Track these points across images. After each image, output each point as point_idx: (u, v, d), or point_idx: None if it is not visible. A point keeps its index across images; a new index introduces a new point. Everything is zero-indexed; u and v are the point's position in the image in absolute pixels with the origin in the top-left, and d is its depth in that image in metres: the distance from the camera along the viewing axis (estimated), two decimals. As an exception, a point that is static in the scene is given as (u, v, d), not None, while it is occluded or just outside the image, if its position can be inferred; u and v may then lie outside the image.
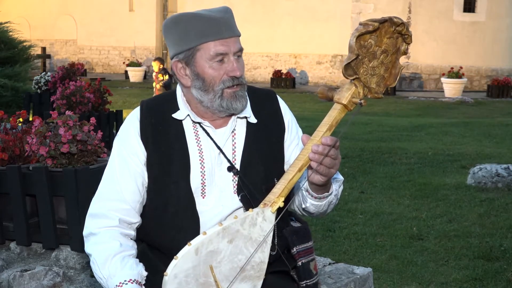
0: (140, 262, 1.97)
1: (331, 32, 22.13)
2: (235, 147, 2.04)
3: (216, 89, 1.96)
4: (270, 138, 2.08)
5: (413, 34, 1.89)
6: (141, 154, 2.01)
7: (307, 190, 1.95)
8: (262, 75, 23.98)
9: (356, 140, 9.60)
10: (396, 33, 1.81)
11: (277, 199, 1.79)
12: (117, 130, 6.48)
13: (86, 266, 3.27)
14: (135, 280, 1.89)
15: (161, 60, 13.53)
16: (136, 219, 2.03)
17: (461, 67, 19.62)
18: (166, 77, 13.10)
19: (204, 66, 1.96)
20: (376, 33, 1.77)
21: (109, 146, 5.40)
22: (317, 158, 1.77)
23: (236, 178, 2.01)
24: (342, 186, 2.06)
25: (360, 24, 1.75)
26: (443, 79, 19.81)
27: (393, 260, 4.61)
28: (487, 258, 4.61)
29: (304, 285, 2.07)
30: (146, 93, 18.39)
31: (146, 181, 2.02)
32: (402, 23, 1.79)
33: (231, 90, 1.96)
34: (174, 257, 1.72)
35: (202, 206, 2.00)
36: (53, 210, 3.35)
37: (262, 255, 1.80)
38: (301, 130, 2.17)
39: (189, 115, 2.02)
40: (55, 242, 3.37)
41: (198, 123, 2.03)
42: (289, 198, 1.89)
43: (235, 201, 2.01)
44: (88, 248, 1.99)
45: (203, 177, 2.00)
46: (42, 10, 27.72)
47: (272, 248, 1.98)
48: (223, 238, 1.74)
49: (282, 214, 1.83)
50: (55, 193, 3.35)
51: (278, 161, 2.09)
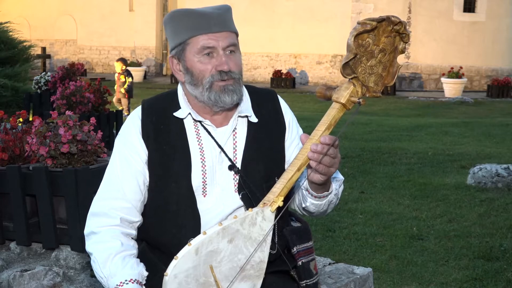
0: (140, 262, 1.97)
1: (331, 32, 22.13)
2: (236, 146, 2.04)
3: (204, 82, 1.96)
4: (270, 137, 2.08)
5: (413, 34, 1.90)
6: (142, 153, 2.01)
7: (307, 189, 1.95)
8: (262, 75, 23.98)
9: (356, 140, 9.60)
10: (394, 32, 1.81)
11: (276, 199, 1.79)
12: (117, 130, 6.49)
13: (86, 266, 3.27)
14: (136, 280, 1.89)
15: (124, 60, 13.26)
16: (137, 218, 2.03)
17: (461, 67, 19.63)
18: (129, 79, 12.63)
19: (192, 60, 1.96)
20: (374, 32, 1.77)
21: (109, 146, 5.42)
22: (316, 157, 1.77)
23: (237, 177, 2.01)
24: (342, 186, 2.06)
25: (358, 23, 1.76)
26: (443, 79, 19.82)
27: (393, 260, 4.61)
28: (487, 258, 4.61)
29: (304, 285, 2.07)
30: (146, 93, 18.39)
31: (147, 180, 2.02)
32: (400, 22, 1.80)
33: (221, 84, 1.96)
34: (174, 257, 1.72)
35: (203, 204, 2.00)
36: (53, 210, 3.35)
37: (261, 255, 1.80)
38: (301, 130, 2.18)
39: (190, 114, 2.02)
40: (55, 242, 3.37)
41: (199, 122, 2.03)
42: (288, 198, 1.89)
43: (236, 199, 2.01)
44: (89, 247, 1.99)
45: (204, 175, 2.00)
46: (42, 10, 27.72)
47: (272, 247, 1.98)
48: (223, 237, 1.74)
49: (281, 213, 1.83)
50: (55, 193, 3.35)
51: (279, 160, 2.09)
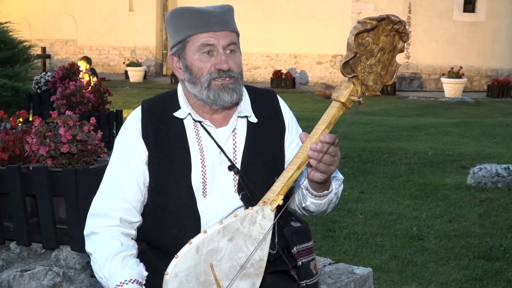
0: (140, 261, 1.97)
1: (331, 32, 22.13)
2: (236, 146, 2.04)
3: (202, 80, 1.96)
4: (270, 138, 2.08)
5: (413, 34, 1.90)
6: (142, 153, 2.01)
7: (307, 188, 1.95)
8: (262, 75, 23.97)
9: (356, 140, 9.60)
10: (393, 31, 1.82)
11: (276, 197, 1.79)
12: (117, 130, 6.49)
13: (86, 266, 3.27)
14: (136, 280, 1.89)
15: (88, 59, 13.06)
16: (137, 219, 2.03)
17: (461, 67, 19.62)
18: (94, 79, 12.38)
19: (192, 58, 1.97)
20: (374, 31, 1.78)
21: (109, 146, 5.41)
22: (316, 155, 1.77)
23: (236, 177, 2.01)
24: (342, 185, 2.06)
25: (358, 22, 1.76)
26: (443, 79, 19.81)
27: (393, 260, 4.61)
28: (487, 258, 4.61)
29: (304, 284, 2.07)
30: (146, 93, 18.40)
31: (147, 180, 2.02)
32: (400, 21, 1.80)
33: (219, 82, 1.96)
34: (175, 256, 1.72)
35: (203, 205, 2.00)
36: (53, 210, 3.34)
37: (261, 253, 1.80)
38: (301, 130, 2.17)
39: (190, 114, 2.02)
40: (55, 242, 3.37)
41: (199, 122, 2.03)
42: (288, 196, 1.89)
43: (236, 200, 2.01)
44: (88, 247, 1.99)
45: (204, 176, 2.00)
46: (42, 10, 27.71)
47: (272, 247, 1.98)
48: (224, 236, 1.75)
49: (281, 212, 1.83)
50: (55, 193, 3.34)
51: (279, 160, 2.09)
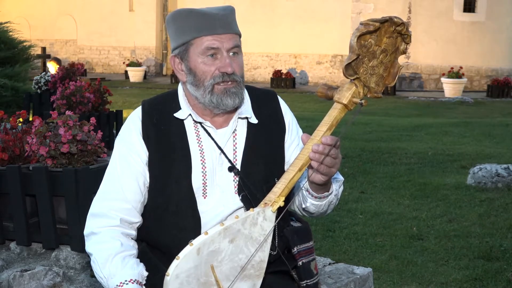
0: (140, 262, 1.97)
1: (331, 32, 22.13)
2: (236, 148, 2.04)
3: (206, 84, 1.95)
4: (270, 139, 2.08)
5: (413, 34, 1.90)
6: (142, 153, 2.01)
7: (308, 190, 1.95)
8: (262, 75, 23.98)
9: (356, 140, 9.60)
10: (395, 32, 1.81)
11: (277, 199, 1.79)
12: (117, 130, 6.49)
13: (86, 266, 3.27)
14: (136, 280, 1.89)
15: (58, 60, 12.96)
16: (137, 219, 2.03)
17: (461, 67, 19.62)
18: None
19: (196, 60, 1.96)
20: (376, 33, 1.77)
21: (109, 146, 5.42)
22: (317, 157, 1.77)
23: (237, 178, 2.01)
24: (342, 186, 2.07)
25: (361, 23, 1.76)
26: (443, 79, 19.81)
27: (393, 260, 4.61)
28: (487, 258, 4.61)
29: (304, 285, 2.07)
30: (146, 93, 18.39)
31: (148, 180, 2.02)
32: (402, 23, 1.80)
33: (222, 86, 1.95)
34: (176, 257, 1.72)
35: (203, 206, 2.00)
36: (53, 210, 3.35)
37: (262, 254, 1.80)
38: (301, 130, 2.17)
39: (190, 115, 2.02)
40: (55, 242, 3.37)
41: (199, 123, 2.03)
42: (289, 198, 1.89)
43: (236, 201, 2.01)
44: (89, 247, 1.99)
45: (205, 177, 2.00)
46: (42, 10, 27.71)
47: (272, 247, 1.98)
48: (225, 237, 1.74)
49: (282, 214, 1.83)
50: (55, 193, 3.35)
51: (279, 161, 2.09)
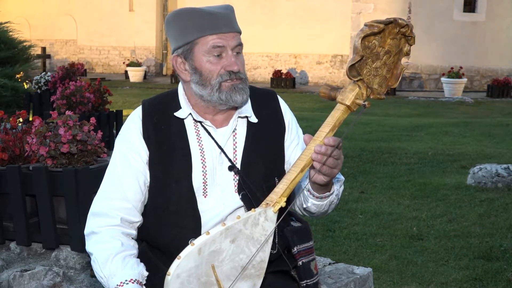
0: (140, 261, 1.97)
1: (331, 32, 22.12)
2: (236, 147, 2.04)
3: (213, 83, 1.96)
4: (270, 138, 2.08)
5: (413, 34, 1.89)
6: (143, 152, 2.01)
7: (309, 190, 1.95)
8: (262, 75, 23.97)
9: (356, 140, 9.60)
10: (400, 34, 1.81)
11: (279, 199, 1.79)
12: (117, 130, 6.49)
13: (86, 266, 3.27)
14: (136, 280, 1.89)
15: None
16: (137, 218, 2.03)
17: (461, 67, 19.61)
18: None
19: (201, 60, 1.96)
20: (380, 34, 1.77)
21: (109, 146, 5.42)
22: (320, 158, 1.77)
23: (237, 178, 2.01)
24: (342, 186, 2.07)
25: (365, 25, 1.75)
26: (443, 79, 19.80)
27: (393, 260, 4.61)
28: (487, 258, 4.61)
29: (304, 284, 2.07)
30: (146, 93, 18.39)
31: (148, 180, 2.02)
32: (407, 25, 1.80)
33: (230, 83, 1.96)
34: (177, 257, 1.72)
35: (203, 205, 2.00)
36: (53, 210, 3.35)
37: (262, 254, 1.80)
38: (301, 130, 2.18)
39: (191, 114, 2.02)
40: (55, 242, 3.37)
41: (200, 122, 2.03)
42: (291, 198, 1.89)
43: (236, 200, 2.01)
44: (89, 247, 1.99)
45: (205, 176, 2.01)
46: (42, 10, 27.71)
47: (272, 247, 1.98)
48: (226, 237, 1.75)
49: (284, 215, 1.83)
50: (55, 193, 3.35)
51: (279, 160, 2.09)
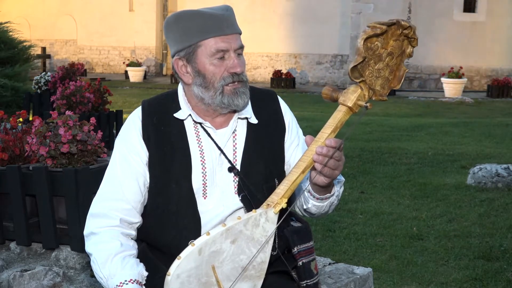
0: (140, 262, 1.97)
1: (331, 32, 22.12)
2: (236, 148, 2.04)
3: (216, 85, 1.96)
4: (270, 139, 2.08)
5: (413, 34, 1.89)
6: (142, 153, 2.01)
7: (310, 191, 1.95)
8: (262, 75, 23.97)
9: (356, 140, 9.60)
10: (402, 35, 1.80)
11: (280, 200, 1.79)
12: (117, 130, 6.49)
13: (86, 266, 3.27)
14: (136, 280, 1.89)
15: None
16: (137, 219, 2.03)
17: (461, 67, 19.61)
18: None
19: (205, 62, 1.96)
20: (383, 35, 1.76)
21: (109, 146, 5.42)
22: (321, 160, 1.77)
23: (236, 179, 2.01)
24: (343, 187, 2.07)
25: (368, 26, 1.75)
26: (443, 79, 19.80)
27: (393, 260, 4.61)
28: (487, 258, 4.61)
29: (304, 285, 2.07)
30: (146, 93, 18.39)
31: (148, 181, 2.02)
32: (410, 26, 1.79)
33: (232, 87, 1.96)
34: (177, 257, 1.72)
35: (203, 206, 2.00)
36: (53, 210, 3.35)
37: (263, 255, 1.80)
38: (301, 131, 2.18)
39: (190, 115, 2.02)
40: (55, 242, 3.37)
41: (199, 124, 2.03)
42: (291, 200, 1.89)
43: (236, 201, 2.01)
44: (88, 247, 1.99)
45: (204, 177, 2.00)
46: (42, 10, 27.71)
47: (272, 248, 1.98)
48: (226, 238, 1.74)
49: (285, 216, 1.83)
50: (55, 193, 3.35)
51: (279, 161, 2.09)
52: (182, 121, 2.03)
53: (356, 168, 7.66)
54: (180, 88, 2.08)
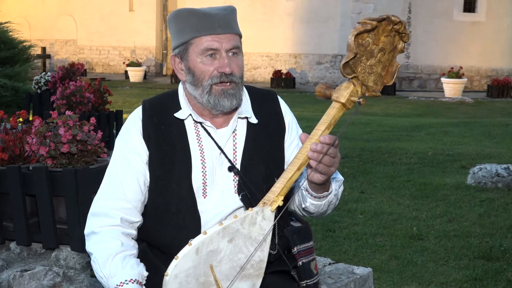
0: (140, 262, 1.97)
1: (331, 32, 22.12)
2: (236, 147, 2.04)
3: (204, 84, 1.96)
4: (270, 138, 2.08)
5: (413, 34, 1.90)
6: (143, 153, 2.02)
7: (307, 190, 1.95)
8: (262, 75, 23.98)
9: (356, 140, 9.60)
10: (393, 31, 1.81)
11: (276, 198, 1.79)
12: (117, 130, 6.49)
13: (86, 266, 3.27)
14: (136, 280, 1.89)
15: None
16: (137, 219, 2.03)
17: (461, 67, 19.61)
18: None
19: (195, 60, 1.97)
20: (374, 31, 1.77)
21: (109, 146, 5.42)
22: (316, 156, 1.77)
23: (236, 178, 2.02)
24: (342, 186, 2.06)
25: (358, 22, 1.76)
26: (443, 79, 19.81)
27: (393, 260, 4.61)
28: (487, 258, 4.61)
29: (304, 285, 2.07)
30: (146, 93, 18.39)
31: (148, 180, 2.02)
32: (400, 22, 1.80)
33: (220, 87, 1.96)
34: (175, 257, 1.72)
35: (203, 206, 2.00)
36: (53, 210, 3.35)
37: (261, 254, 1.80)
38: (301, 130, 2.17)
39: (191, 115, 2.02)
40: (55, 242, 3.37)
41: (200, 123, 2.03)
42: (288, 197, 1.89)
43: (236, 200, 2.01)
44: (89, 247, 1.99)
45: (205, 177, 2.01)
46: (42, 10, 27.72)
47: (272, 247, 1.98)
48: (223, 237, 1.75)
49: (281, 213, 1.83)
50: (55, 193, 3.35)
51: (278, 161, 2.09)
52: (183, 120, 2.03)
53: (356, 168, 7.66)
54: (180, 87, 2.09)
